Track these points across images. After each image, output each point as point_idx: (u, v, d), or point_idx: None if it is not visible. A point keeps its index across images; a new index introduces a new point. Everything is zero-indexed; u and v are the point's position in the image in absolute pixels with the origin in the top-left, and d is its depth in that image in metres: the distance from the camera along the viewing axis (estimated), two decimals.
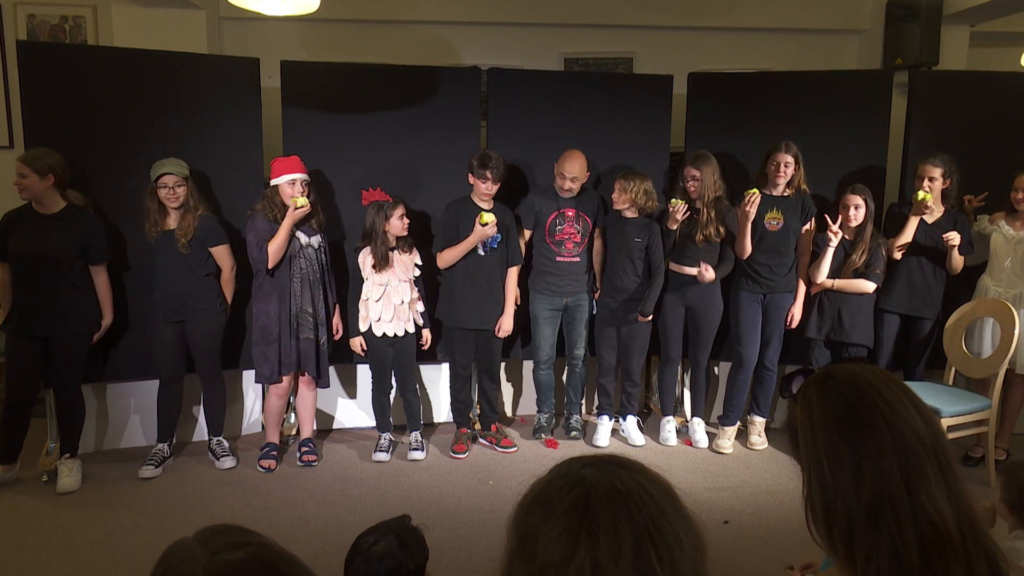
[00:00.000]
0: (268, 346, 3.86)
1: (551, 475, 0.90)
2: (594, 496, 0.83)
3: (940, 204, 4.04)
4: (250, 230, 3.81)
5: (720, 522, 3.45)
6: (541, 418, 4.48)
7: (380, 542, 1.80)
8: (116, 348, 4.00)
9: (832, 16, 5.38)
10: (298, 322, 3.88)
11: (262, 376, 3.93)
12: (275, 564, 0.87)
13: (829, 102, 4.41)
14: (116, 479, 3.82)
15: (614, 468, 0.88)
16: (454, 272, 4.07)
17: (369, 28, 5.11)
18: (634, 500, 0.83)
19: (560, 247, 4.23)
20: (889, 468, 1.06)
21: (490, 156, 3.95)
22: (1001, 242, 3.95)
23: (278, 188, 3.80)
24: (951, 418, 3.71)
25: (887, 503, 1.05)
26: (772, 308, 4.20)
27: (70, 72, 3.84)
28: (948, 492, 1.06)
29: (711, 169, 4.05)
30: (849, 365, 1.17)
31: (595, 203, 4.29)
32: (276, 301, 3.85)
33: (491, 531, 3.32)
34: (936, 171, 3.95)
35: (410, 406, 4.19)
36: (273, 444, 4.05)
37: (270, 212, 3.81)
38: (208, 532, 0.89)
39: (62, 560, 3.09)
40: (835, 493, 1.08)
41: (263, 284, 3.86)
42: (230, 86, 4.11)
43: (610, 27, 5.28)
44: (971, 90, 4.40)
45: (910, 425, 1.08)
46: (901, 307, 4.13)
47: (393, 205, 3.88)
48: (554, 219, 4.21)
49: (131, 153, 3.90)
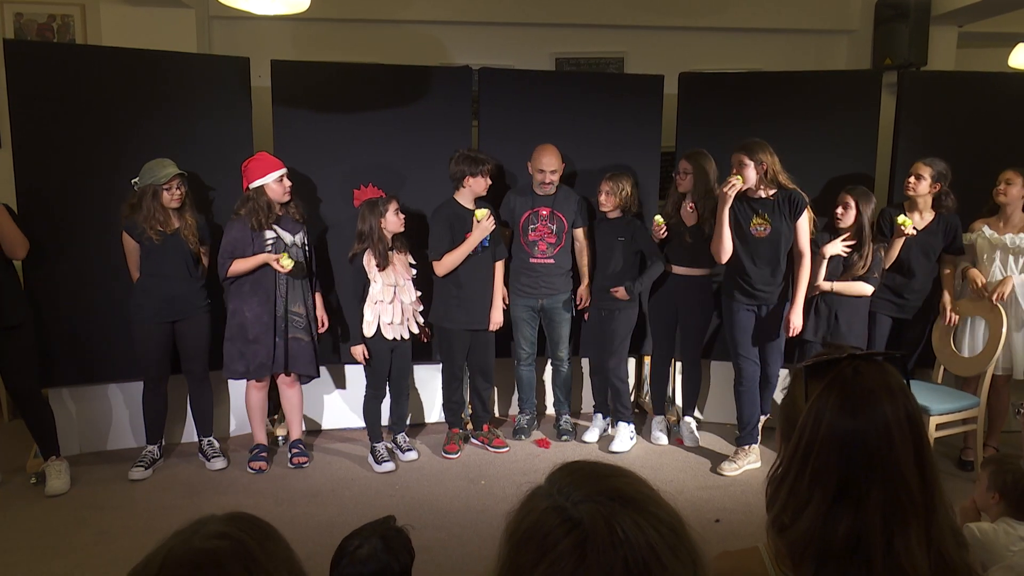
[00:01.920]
0: (246, 344, 3.81)
1: (551, 498, 0.85)
2: (591, 546, 0.79)
3: (929, 209, 4.05)
4: (226, 233, 3.79)
5: (712, 520, 3.46)
6: (522, 419, 4.48)
7: (364, 545, 1.80)
8: (103, 349, 3.97)
9: (821, 16, 5.41)
10: (286, 323, 3.86)
11: (235, 372, 3.87)
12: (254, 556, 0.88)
13: (819, 102, 4.43)
14: (106, 481, 3.80)
15: (615, 506, 0.82)
16: (448, 275, 4.05)
17: (360, 27, 5.09)
18: (631, 550, 0.79)
19: (533, 248, 4.18)
20: (873, 508, 1.04)
21: (476, 152, 3.98)
22: (985, 246, 3.97)
23: (263, 189, 3.77)
24: (939, 416, 3.74)
25: (862, 546, 1.03)
26: (769, 317, 3.94)
27: (58, 71, 3.81)
28: (928, 545, 1.04)
29: (705, 168, 4.03)
30: (878, 383, 1.10)
31: (573, 202, 4.22)
32: (258, 302, 3.81)
33: (483, 531, 3.31)
34: (925, 170, 3.96)
35: (401, 409, 4.17)
36: (262, 445, 4.03)
37: (254, 218, 3.75)
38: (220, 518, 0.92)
39: (52, 562, 3.07)
40: (806, 508, 1.07)
41: (244, 283, 3.81)
42: (220, 86, 4.10)
43: (601, 27, 5.29)
44: (959, 90, 4.43)
45: (905, 478, 1.05)
46: (892, 310, 4.15)
47: (387, 200, 3.85)
48: (527, 218, 4.17)
49: (120, 153, 3.88)
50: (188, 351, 3.91)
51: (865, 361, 1.11)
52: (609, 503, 0.82)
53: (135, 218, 3.70)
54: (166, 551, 0.86)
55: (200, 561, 0.85)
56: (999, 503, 2.32)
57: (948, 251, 4.06)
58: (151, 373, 3.87)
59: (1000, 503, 2.32)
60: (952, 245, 4.04)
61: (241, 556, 0.87)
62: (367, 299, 3.88)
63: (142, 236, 3.70)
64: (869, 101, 4.38)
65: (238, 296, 3.83)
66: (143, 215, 3.68)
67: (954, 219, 4.04)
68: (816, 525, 1.05)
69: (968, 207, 4.23)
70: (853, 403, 1.07)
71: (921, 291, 4.13)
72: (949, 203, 4.03)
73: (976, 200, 4.17)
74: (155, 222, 3.69)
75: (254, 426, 4.04)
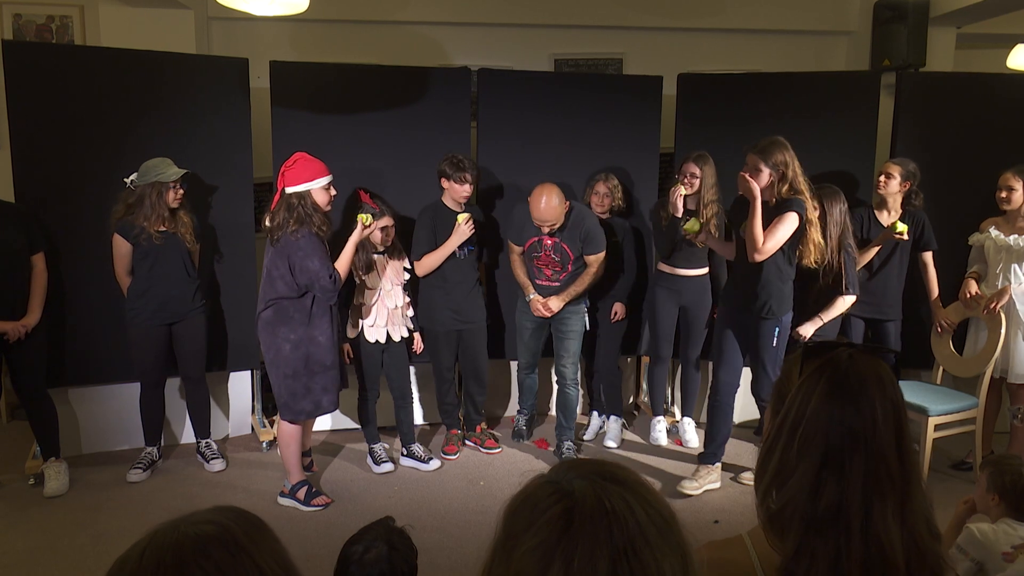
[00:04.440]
0: (312, 377, 3.43)
1: (548, 476, 0.88)
2: (578, 512, 0.80)
3: (898, 207, 4.05)
4: (309, 253, 3.29)
5: (711, 522, 3.46)
6: (520, 419, 4.44)
7: (371, 549, 1.80)
8: (100, 350, 3.97)
9: (820, 18, 5.41)
10: (339, 348, 3.70)
11: (302, 413, 3.48)
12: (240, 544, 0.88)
13: (817, 103, 4.43)
14: (104, 482, 3.79)
15: (608, 484, 0.84)
16: (431, 276, 4.04)
17: (359, 28, 5.09)
18: (618, 523, 0.80)
19: (539, 272, 4.05)
20: (855, 478, 1.08)
21: (460, 157, 3.93)
22: (992, 248, 3.97)
23: (308, 195, 3.37)
24: (938, 417, 3.74)
25: (842, 514, 1.07)
26: (758, 335, 3.60)
27: (56, 72, 3.81)
28: (902, 523, 1.07)
29: (711, 171, 3.97)
30: (872, 372, 1.13)
31: (581, 232, 3.92)
32: (327, 326, 3.47)
33: (482, 532, 3.31)
34: (895, 169, 3.98)
35: (407, 417, 4.10)
36: (303, 481, 3.62)
37: (314, 227, 3.36)
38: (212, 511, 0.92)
39: (50, 564, 3.06)
40: (792, 476, 1.10)
41: (313, 308, 3.40)
42: (219, 86, 4.09)
43: (600, 28, 5.29)
44: (957, 91, 4.43)
45: (885, 455, 1.09)
46: (864, 311, 4.08)
47: (378, 215, 3.75)
48: (532, 244, 4.00)
49: (118, 154, 3.87)
50: (185, 353, 3.90)
51: (861, 351, 1.16)
52: (602, 481, 0.84)
53: (130, 219, 3.63)
54: (151, 535, 0.87)
55: (184, 544, 0.85)
56: (999, 504, 2.32)
57: (918, 248, 4.05)
58: (148, 376, 3.85)
59: (1000, 504, 2.32)
60: (920, 241, 4.04)
61: (225, 542, 0.86)
62: (352, 302, 3.89)
63: (138, 237, 3.64)
64: (868, 102, 4.38)
65: (301, 323, 3.39)
66: (144, 214, 3.61)
67: (920, 214, 4.04)
68: (802, 493, 1.09)
69: (966, 207, 4.24)
70: (844, 383, 1.12)
71: (893, 291, 4.11)
72: (917, 202, 4.04)
73: (974, 200, 4.18)
74: (158, 221, 3.63)
75: (291, 466, 3.59)
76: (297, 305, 3.39)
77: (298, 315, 3.39)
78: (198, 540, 0.85)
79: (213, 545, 0.86)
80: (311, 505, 3.56)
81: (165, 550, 0.84)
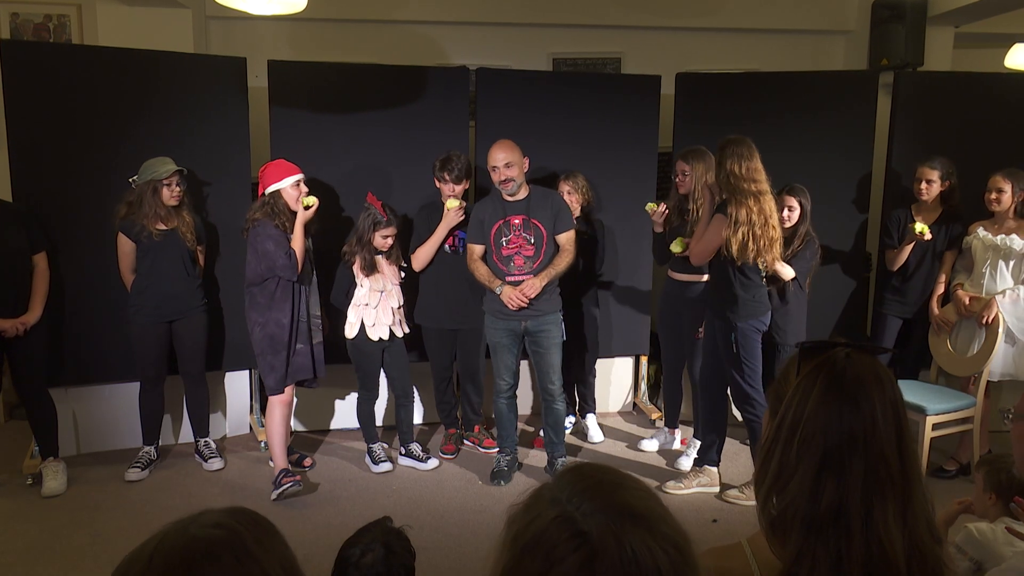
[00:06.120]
0: (276, 355, 3.65)
1: (556, 501, 0.83)
2: (599, 563, 0.77)
3: (938, 206, 4.07)
4: (264, 238, 3.57)
5: (709, 521, 3.47)
6: (501, 460, 3.90)
7: (368, 552, 1.79)
8: (99, 350, 3.96)
9: (818, 17, 5.41)
10: (309, 327, 3.77)
11: (268, 388, 3.72)
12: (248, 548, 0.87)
13: (815, 102, 4.44)
14: (102, 482, 3.79)
15: (625, 523, 0.80)
16: (428, 274, 4.04)
17: (357, 28, 5.09)
18: (639, 572, 0.77)
19: (508, 264, 3.67)
20: (855, 479, 1.07)
21: (451, 158, 3.91)
22: (980, 248, 3.99)
23: (280, 194, 3.62)
24: (936, 416, 3.74)
25: (843, 515, 1.06)
26: (721, 339, 3.51)
27: (54, 72, 3.80)
28: (904, 525, 1.07)
29: (702, 165, 3.81)
30: (869, 372, 1.13)
31: (551, 206, 3.71)
32: (289, 308, 3.67)
33: (481, 531, 3.31)
34: (933, 174, 3.99)
35: (407, 416, 4.09)
36: (286, 470, 3.70)
37: (277, 220, 3.61)
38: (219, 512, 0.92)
39: (48, 563, 3.06)
40: (792, 479, 1.09)
41: (276, 292, 3.63)
42: (217, 86, 4.09)
43: (598, 27, 5.29)
44: (955, 91, 4.44)
45: (885, 455, 1.08)
46: (901, 311, 4.19)
47: (385, 224, 3.78)
48: (498, 229, 3.67)
49: (116, 153, 3.87)
50: (185, 351, 3.90)
51: (858, 350, 1.15)
52: (619, 519, 0.80)
53: (133, 217, 3.68)
54: (161, 536, 0.86)
55: (192, 548, 0.84)
56: (996, 503, 2.32)
57: (946, 247, 4.09)
58: (148, 373, 3.86)
59: (997, 504, 2.31)
60: (947, 240, 4.07)
61: (234, 547, 0.86)
62: (352, 301, 3.89)
63: (140, 235, 3.68)
64: (865, 101, 4.39)
65: (269, 305, 3.63)
66: (143, 212, 3.65)
67: (956, 226, 4.06)
68: (802, 495, 1.08)
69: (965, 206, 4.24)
70: (841, 383, 1.11)
71: (924, 290, 4.15)
72: (954, 200, 4.05)
73: (972, 200, 4.18)
74: (156, 218, 3.66)
75: (277, 454, 3.70)
76: (262, 289, 3.65)
77: (263, 299, 3.65)
78: (207, 544, 0.85)
79: (221, 550, 0.85)
80: (280, 485, 3.61)
81: (174, 554, 0.84)
